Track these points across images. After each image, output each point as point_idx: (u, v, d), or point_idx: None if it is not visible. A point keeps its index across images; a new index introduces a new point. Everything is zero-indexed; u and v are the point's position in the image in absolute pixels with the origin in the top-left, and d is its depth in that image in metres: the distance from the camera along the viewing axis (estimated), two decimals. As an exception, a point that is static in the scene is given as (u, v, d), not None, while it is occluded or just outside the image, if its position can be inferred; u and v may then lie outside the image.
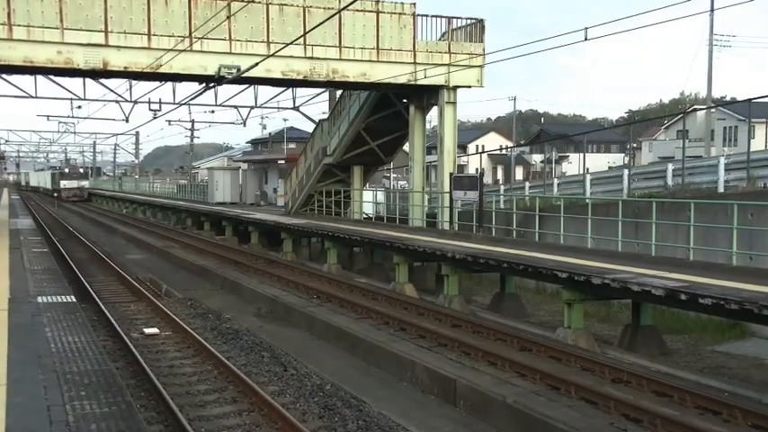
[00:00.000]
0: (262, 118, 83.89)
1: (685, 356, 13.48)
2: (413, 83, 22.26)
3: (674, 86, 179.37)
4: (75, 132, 62.44)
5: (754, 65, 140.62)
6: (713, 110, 42.94)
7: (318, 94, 30.03)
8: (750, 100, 24.60)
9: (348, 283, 18.84)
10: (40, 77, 23.44)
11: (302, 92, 29.38)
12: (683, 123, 42.83)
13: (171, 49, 18.94)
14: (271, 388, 10.91)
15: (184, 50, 18.99)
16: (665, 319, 14.96)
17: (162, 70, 19.69)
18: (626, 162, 49.98)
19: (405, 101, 24.88)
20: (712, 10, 33.41)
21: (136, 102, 27.68)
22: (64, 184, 76.54)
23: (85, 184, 78.82)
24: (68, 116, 44.70)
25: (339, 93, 28.78)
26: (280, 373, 11.82)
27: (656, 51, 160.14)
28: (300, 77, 21.57)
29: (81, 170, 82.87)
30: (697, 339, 14.57)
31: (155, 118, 28.82)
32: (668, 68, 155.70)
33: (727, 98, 73.84)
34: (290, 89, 28.81)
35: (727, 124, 52.64)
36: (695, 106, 55.71)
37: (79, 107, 37.51)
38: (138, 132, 76.67)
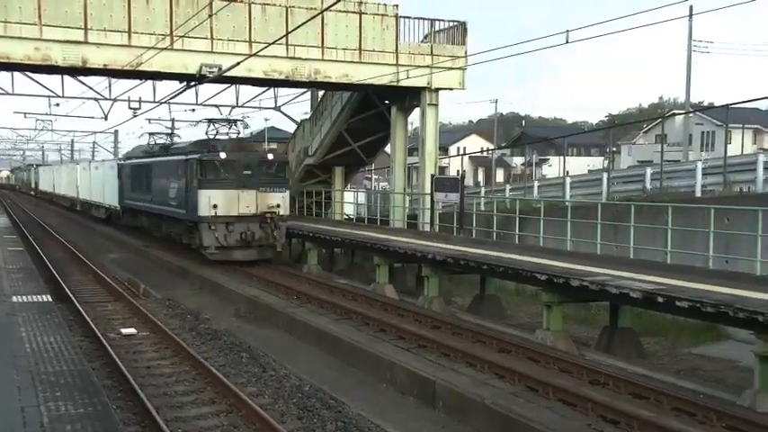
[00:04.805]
0: (243, 117, 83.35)
1: (662, 358, 13.61)
2: (395, 84, 22.27)
3: (654, 91, 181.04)
4: (52, 130, 61.64)
5: (732, 71, 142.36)
6: (691, 115, 43.38)
7: (300, 95, 29.95)
8: (727, 106, 24.94)
9: (328, 284, 18.79)
10: (17, 74, 23.17)
11: (284, 92, 29.26)
12: (662, 128, 43.33)
13: (152, 48, 18.80)
14: (249, 389, 10.86)
15: (165, 49, 18.86)
16: (643, 321, 15.08)
17: (142, 68, 19.55)
18: (605, 165, 50.38)
19: (387, 102, 24.89)
20: (690, 15, 33.76)
21: (115, 100, 27.39)
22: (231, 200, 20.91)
23: (282, 198, 21.44)
24: (46, 113, 44.18)
25: (321, 93, 28.73)
26: (258, 373, 11.77)
27: (636, 56, 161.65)
28: (282, 77, 21.52)
29: (269, 156, 21.66)
30: (674, 341, 14.70)
31: (134, 116, 28.53)
32: (647, 73, 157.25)
33: (706, 103, 74.67)
34: (272, 89, 28.70)
35: (704, 129, 53.23)
36: (674, 111, 56.24)
37: (57, 105, 37.02)
38: (117, 131, 75.47)
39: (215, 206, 20.19)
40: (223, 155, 20.64)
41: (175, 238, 24.39)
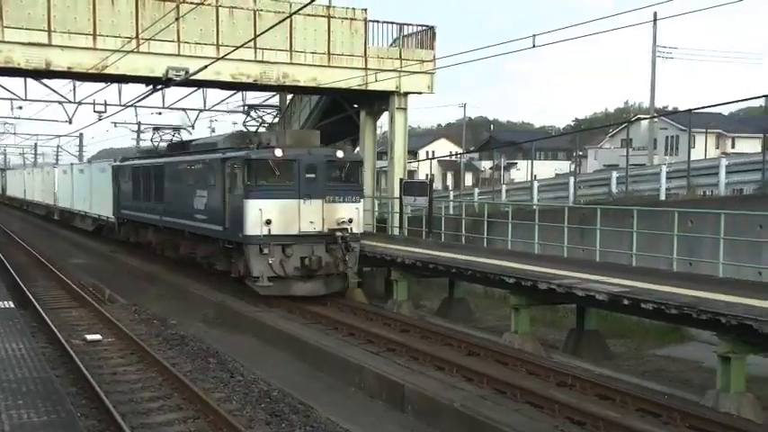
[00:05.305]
0: (210, 121, 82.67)
1: (628, 360, 13.78)
2: (364, 88, 22.27)
3: (619, 95, 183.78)
4: (15, 133, 60.51)
5: (695, 76, 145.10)
6: (656, 119, 44.07)
7: (269, 98, 29.80)
8: (690, 110, 25.36)
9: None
10: (-22, 76, 22.70)
11: (252, 95, 29.09)
12: (627, 132, 43.97)
13: (117, 50, 18.57)
14: (217, 395, 10.78)
15: (131, 51, 18.64)
16: (609, 323, 15.26)
17: (108, 71, 19.29)
18: (572, 169, 51.01)
19: (355, 106, 24.89)
20: (655, 21, 34.31)
21: (80, 103, 26.97)
22: None
23: (355, 210, 16.73)
24: (8, 117, 43.39)
25: (290, 97, 28.63)
26: (226, 379, 11.69)
27: (602, 61, 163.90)
28: (251, 81, 21.39)
29: (339, 154, 16.84)
30: (639, 343, 14.90)
31: (99, 120, 28.12)
32: (613, 78, 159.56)
33: (670, 108, 76.01)
34: (240, 92, 28.53)
35: (668, 134, 54.08)
36: (639, 116, 57.14)
37: (20, 108, 36.38)
38: (81, 134, 74.23)
39: (268, 222, 15.47)
40: (279, 152, 15.74)
41: (201, 263, 19.24)
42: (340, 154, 16.70)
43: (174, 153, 22.08)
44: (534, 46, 13.55)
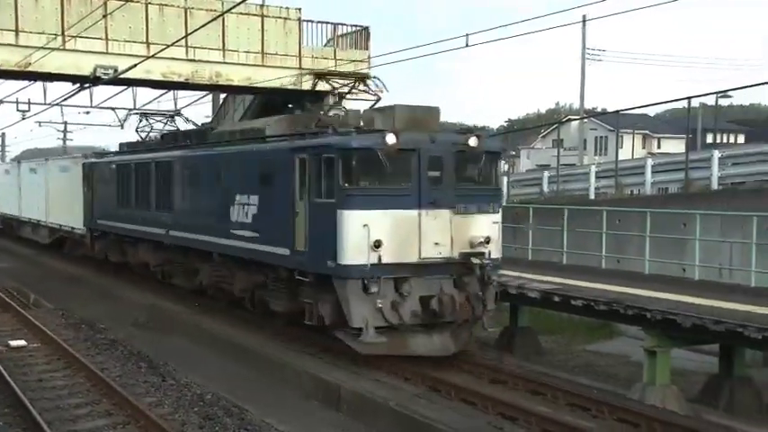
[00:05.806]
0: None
1: (558, 356, 14.10)
2: (298, 88, 22.15)
3: (551, 97, 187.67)
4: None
5: (623, 78, 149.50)
6: (585, 120, 45.18)
7: (201, 97, 29.31)
8: (618, 112, 26.16)
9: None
10: None
11: (184, 94, 28.55)
12: (558, 133, 44.96)
13: (42, 48, 17.97)
14: (148, 399, 10.56)
15: (57, 49, 18.07)
16: (541, 320, 15.57)
17: (32, 69, 18.66)
18: (505, 169, 51.90)
19: (290, 106, 24.72)
20: (584, 22, 35.16)
21: (2, 101, 26.02)
22: None
23: (493, 226, 11.68)
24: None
25: (223, 96, 28.24)
26: (158, 383, 11.46)
27: (533, 62, 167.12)
28: (182, 80, 21.00)
29: (471, 143, 11.36)
30: (570, 339, 15.26)
31: (23, 119, 27.12)
32: (545, 79, 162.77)
33: (599, 109, 78.07)
34: (172, 91, 27.99)
35: (598, 134, 55.53)
36: (569, 116, 58.50)
37: (-63, 106, 34.72)
38: (4, 134, 71.50)
39: (377, 244, 10.45)
40: (392, 138, 10.59)
41: (241, 298, 14.17)
42: (473, 141, 11.32)
43: (179, 146, 17.56)
44: (467, 45, 13.70)
